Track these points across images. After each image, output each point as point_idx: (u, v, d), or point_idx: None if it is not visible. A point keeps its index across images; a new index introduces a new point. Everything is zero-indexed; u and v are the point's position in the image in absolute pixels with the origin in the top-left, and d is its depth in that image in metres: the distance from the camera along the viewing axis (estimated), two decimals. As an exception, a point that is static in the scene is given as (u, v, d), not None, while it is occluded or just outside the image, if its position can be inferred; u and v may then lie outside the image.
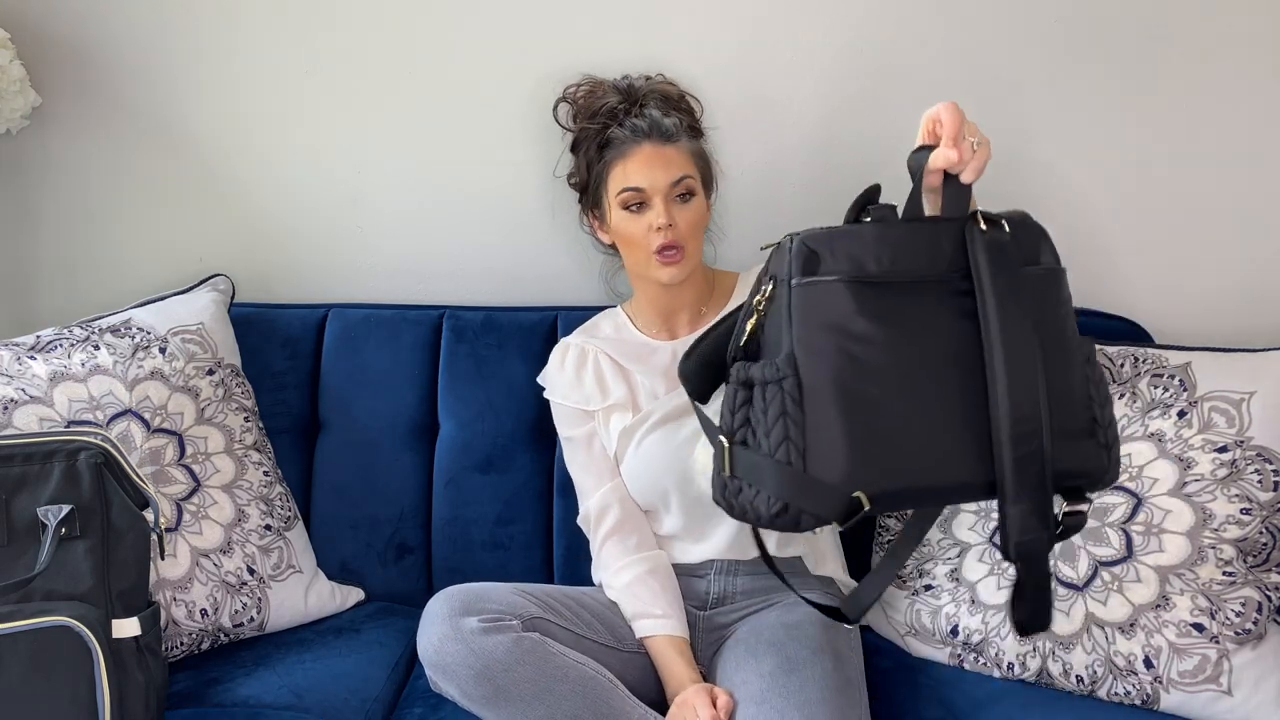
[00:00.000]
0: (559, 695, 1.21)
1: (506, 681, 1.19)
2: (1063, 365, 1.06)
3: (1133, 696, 1.32)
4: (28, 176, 1.75)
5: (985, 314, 1.04)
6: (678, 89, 1.57)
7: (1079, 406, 1.06)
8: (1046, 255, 1.09)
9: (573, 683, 1.22)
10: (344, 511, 1.63)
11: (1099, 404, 1.07)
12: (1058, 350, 1.06)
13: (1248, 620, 1.30)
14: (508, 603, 1.27)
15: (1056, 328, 1.07)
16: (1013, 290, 1.05)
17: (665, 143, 1.43)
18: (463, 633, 1.21)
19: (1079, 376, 1.07)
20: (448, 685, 1.22)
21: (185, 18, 1.68)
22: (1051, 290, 1.08)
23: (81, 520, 1.24)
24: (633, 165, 1.42)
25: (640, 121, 1.44)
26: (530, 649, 1.21)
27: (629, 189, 1.41)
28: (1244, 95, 1.60)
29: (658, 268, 1.42)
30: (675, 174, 1.41)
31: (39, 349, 1.45)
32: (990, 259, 1.06)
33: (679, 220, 1.41)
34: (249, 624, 1.47)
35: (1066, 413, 1.05)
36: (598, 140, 1.48)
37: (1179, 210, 1.65)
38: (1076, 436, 1.05)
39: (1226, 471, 1.33)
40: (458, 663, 1.20)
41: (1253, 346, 1.42)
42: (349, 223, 1.75)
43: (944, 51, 1.63)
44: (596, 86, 1.56)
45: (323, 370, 1.67)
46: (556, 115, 1.60)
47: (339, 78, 1.69)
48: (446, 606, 1.24)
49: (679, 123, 1.47)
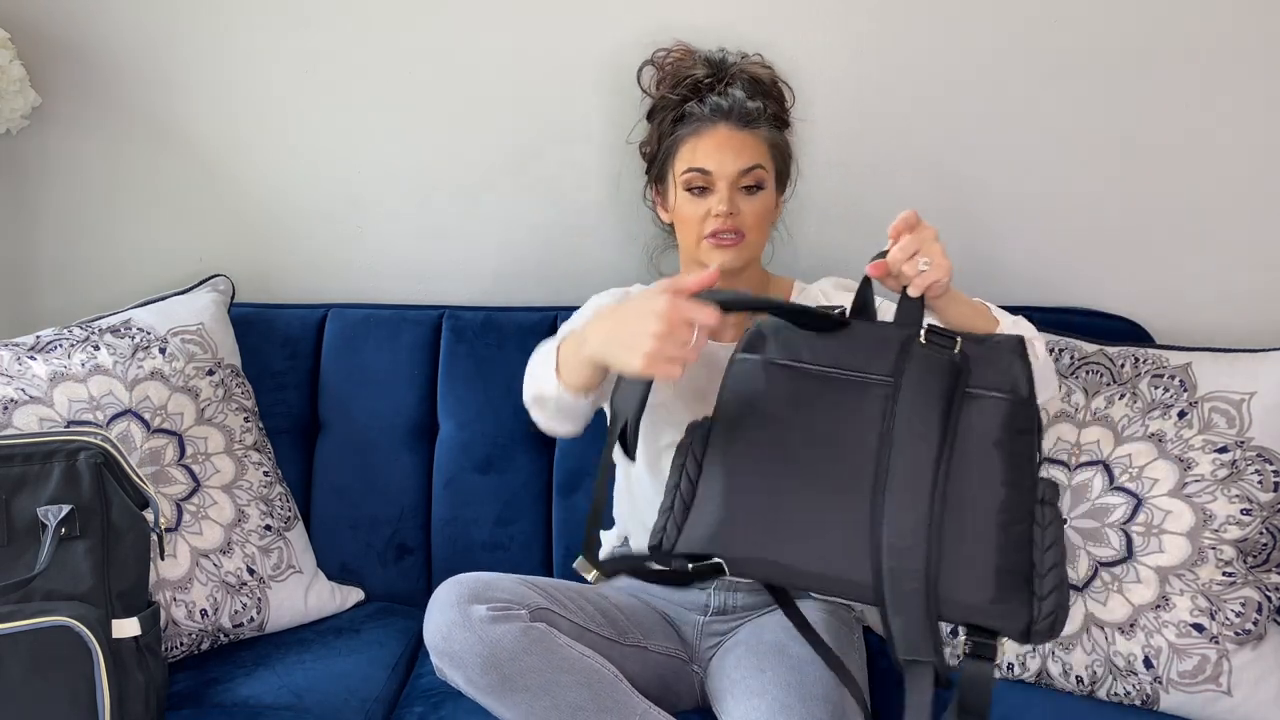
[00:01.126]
0: (564, 686, 1.19)
1: (513, 670, 1.18)
2: (982, 500, 1.02)
3: (1132, 697, 1.32)
4: (28, 176, 1.75)
5: (893, 429, 1.05)
6: (771, 73, 1.50)
7: (996, 547, 1.01)
8: (1007, 384, 1.05)
9: (578, 674, 1.21)
10: (344, 511, 1.63)
11: (1041, 549, 1.02)
12: (978, 484, 1.03)
13: (1248, 621, 1.30)
14: (515, 593, 1.25)
15: (983, 459, 1.03)
16: (924, 410, 1.04)
17: (743, 127, 1.37)
18: (471, 620, 1.19)
19: (1011, 515, 1.02)
20: (454, 672, 1.21)
21: (185, 18, 1.68)
22: (991, 420, 1.04)
23: (81, 520, 1.24)
24: (704, 145, 1.36)
25: (722, 100, 1.38)
26: (537, 639, 1.20)
27: (695, 169, 1.35)
28: (1245, 95, 1.60)
29: (709, 250, 1.35)
30: (746, 162, 1.34)
31: (39, 349, 1.45)
32: (915, 375, 1.06)
33: (743, 209, 1.34)
34: (249, 624, 1.47)
35: (973, 550, 1.01)
36: (674, 112, 1.43)
37: (1180, 211, 1.65)
38: (983, 577, 1.01)
39: (1227, 472, 1.32)
40: (465, 650, 1.18)
41: (1253, 347, 1.42)
42: (349, 223, 1.75)
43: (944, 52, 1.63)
44: (687, 55, 1.51)
45: (322, 370, 1.67)
46: (640, 78, 1.55)
47: (339, 77, 1.69)
48: (455, 594, 1.23)
49: (763, 109, 1.40)
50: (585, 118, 1.68)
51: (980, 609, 1.02)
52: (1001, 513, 1.03)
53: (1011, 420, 1.04)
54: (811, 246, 1.68)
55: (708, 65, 1.48)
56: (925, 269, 1.08)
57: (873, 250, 1.12)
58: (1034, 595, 1.02)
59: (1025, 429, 1.05)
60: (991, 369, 1.06)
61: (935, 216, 1.66)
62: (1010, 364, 1.06)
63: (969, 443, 1.04)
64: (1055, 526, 1.03)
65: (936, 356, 1.06)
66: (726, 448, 1.10)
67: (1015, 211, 1.68)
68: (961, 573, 1.02)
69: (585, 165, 1.70)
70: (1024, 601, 1.01)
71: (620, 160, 1.68)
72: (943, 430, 1.03)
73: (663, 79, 1.51)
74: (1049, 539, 1.03)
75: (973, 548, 1.02)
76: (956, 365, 1.05)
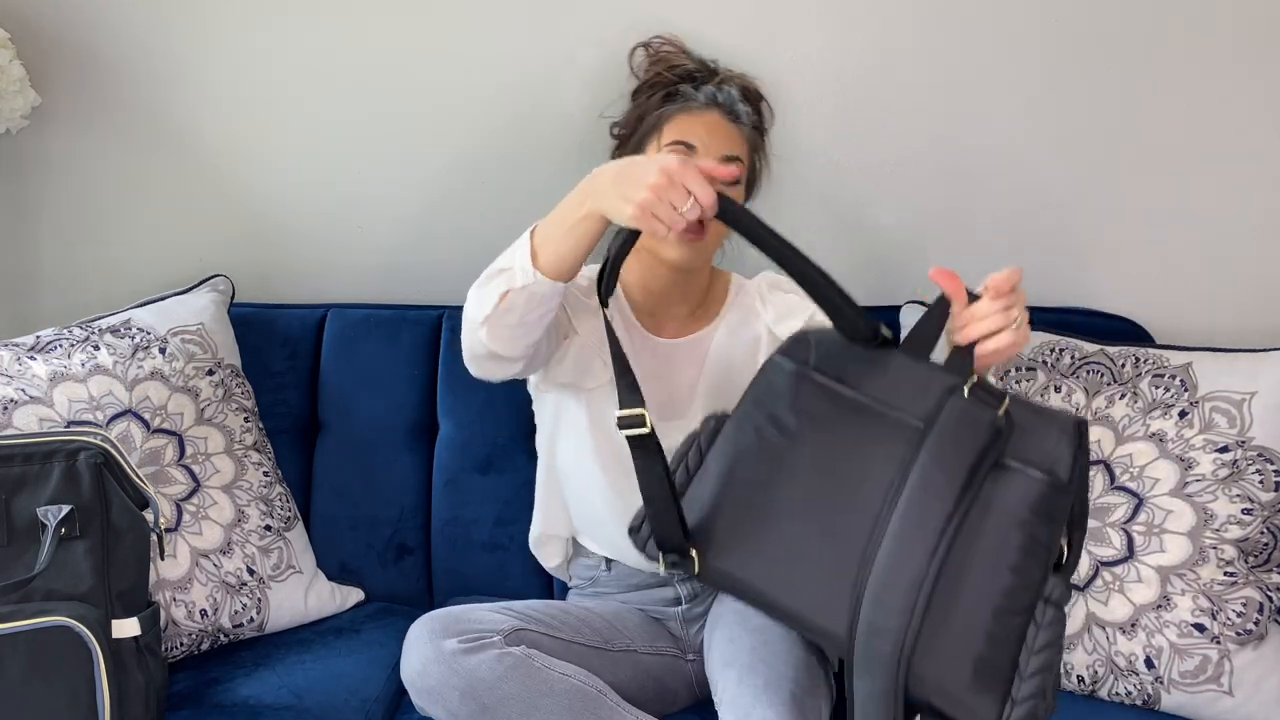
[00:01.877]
0: (546, 710, 1.17)
1: (493, 699, 1.16)
2: (984, 579, 0.96)
3: (1134, 697, 1.32)
4: (28, 176, 1.75)
5: (908, 477, 0.97)
6: (758, 90, 1.51)
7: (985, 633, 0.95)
8: (1047, 463, 0.98)
9: (559, 695, 1.18)
10: (344, 512, 1.63)
11: (1030, 649, 0.95)
12: (985, 561, 0.96)
13: (1249, 620, 1.29)
14: (487, 620, 1.23)
15: (998, 537, 0.96)
16: (946, 467, 0.96)
17: (733, 121, 1.38)
18: (444, 653, 1.17)
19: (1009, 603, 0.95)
20: (434, 708, 1.19)
21: (185, 17, 1.68)
22: (1018, 498, 0.97)
23: (81, 520, 1.24)
24: (697, 123, 1.36)
25: (717, 92, 1.40)
26: (514, 665, 1.18)
27: (683, 142, 1.34)
28: (1245, 95, 1.60)
29: (671, 242, 1.29)
30: (729, 150, 1.35)
31: (39, 349, 1.45)
32: (948, 427, 0.98)
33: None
34: (249, 624, 1.47)
35: (959, 629, 0.95)
36: (665, 90, 1.43)
37: (1180, 211, 1.65)
38: (961, 661, 0.95)
39: (1228, 472, 1.32)
40: (442, 684, 1.17)
41: (1254, 347, 1.42)
42: (349, 223, 1.75)
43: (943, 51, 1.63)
44: (681, 51, 1.52)
45: (322, 370, 1.67)
46: (632, 61, 1.55)
47: (339, 77, 1.69)
48: (427, 629, 1.21)
49: (750, 114, 1.42)
50: (585, 118, 1.68)
51: (947, 694, 0.96)
52: (1000, 598, 0.96)
53: (1040, 504, 0.97)
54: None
55: (702, 65, 1.49)
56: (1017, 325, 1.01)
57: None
58: (1009, 696, 0.95)
59: (1053, 517, 0.97)
60: (1035, 442, 0.99)
61: (934, 217, 1.68)
62: (1057, 442, 0.98)
63: (988, 515, 0.97)
64: (1053, 630, 0.96)
65: (977, 413, 0.98)
66: (734, 451, 1.05)
67: (1015, 212, 1.68)
68: (941, 650, 0.95)
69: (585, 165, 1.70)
70: (995, 699, 0.95)
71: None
72: (961, 492, 0.96)
73: (655, 62, 1.51)
74: (1042, 641, 0.96)
75: (960, 627, 0.96)
76: (997, 428, 0.98)
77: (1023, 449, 0.98)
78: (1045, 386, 1.43)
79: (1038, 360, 1.45)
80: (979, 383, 1.01)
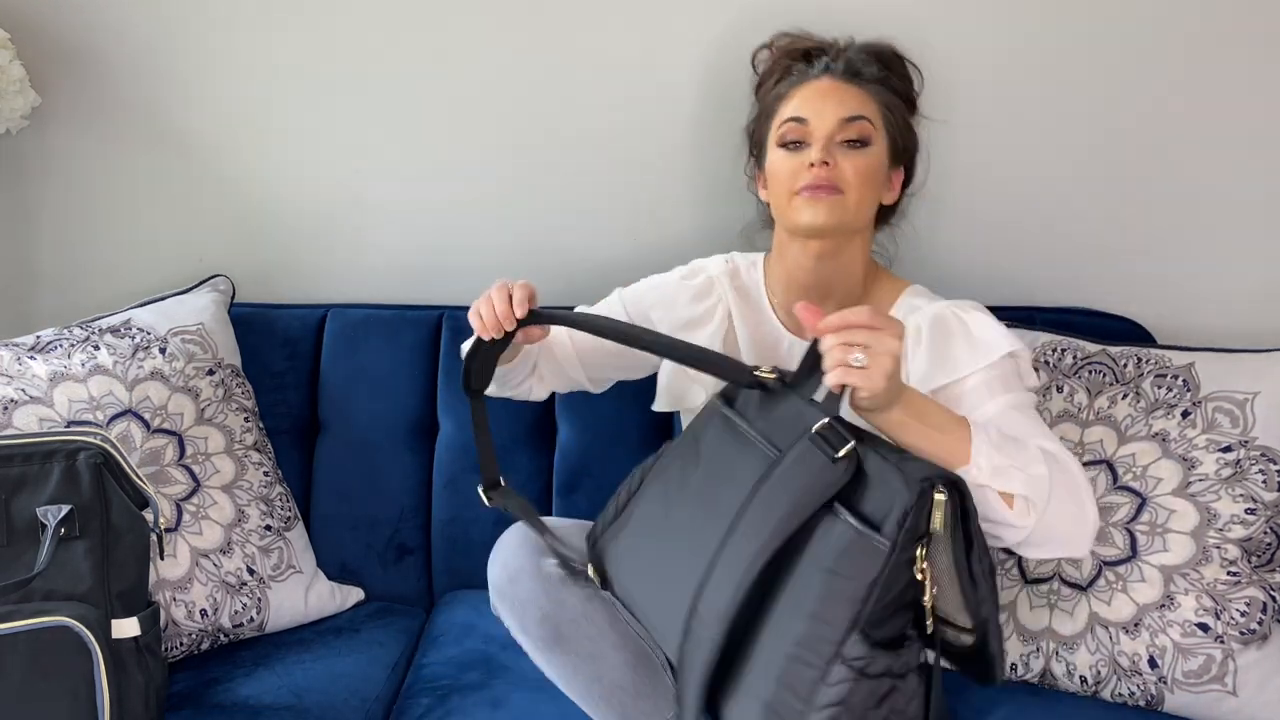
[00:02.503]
0: (611, 663, 1.16)
1: (570, 632, 1.16)
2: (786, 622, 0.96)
3: (1137, 697, 1.31)
4: (28, 176, 1.75)
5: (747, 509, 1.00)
6: (895, 49, 1.33)
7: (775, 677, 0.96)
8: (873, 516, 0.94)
9: (629, 652, 1.17)
10: (344, 511, 1.63)
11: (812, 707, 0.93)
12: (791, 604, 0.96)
13: (1253, 620, 1.29)
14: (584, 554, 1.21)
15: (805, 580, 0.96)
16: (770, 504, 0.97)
17: (849, 80, 1.23)
18: (544, 571, 1.17)
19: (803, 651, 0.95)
20: (509, 616, 1.19)
21: (185, 18, 1.68)
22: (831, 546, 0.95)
23: (81, 520, 1.24)
24: (802, 95, 1.23)
25: (831, 60, 1.26)
26: (601, 608, 1.17)
27: (791, 119, 1.21)
28: (1246, 94, 1.60)
29: (800, 207, 1.19)
30: (848, 111, 1.19)
31: (39, 349, 1.44)
32: (786, 464, 0.99)
33: (842, 164, 1.19)
34: (249, 624, 1.47)
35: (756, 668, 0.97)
36: (779, 74, 1.30)
37: (1181, 211, 1.65)
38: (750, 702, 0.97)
39: (1231, 471, 1.32)
40: (530, 599, 1.16)
41: (1256, 347, 1.42)
42: (349, 223, 1.75)
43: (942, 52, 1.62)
44: (805, 37, 1.37)
45: (322, 370, 1.67)
46: (755, 62, 1.42)
47: (340, 77, 1.69)
48: (529, 540, 1.20)
49: (877, 72, 1.26)
50: (585, 118, 1.68)
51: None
52: (793, 645, 0.95)
53: (847, 555, 0.94)
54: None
55: (822, 43, 1.34)
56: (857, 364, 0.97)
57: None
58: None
59: (864, 573, 0.93)
60: (872, 494, 0.95)
61: (934, 217, 1.67)
62: (894, 501, 0.93)
63: (800, 557, 0.97)
64: (840, 690, 0.92)
65: (811, 456, 0.97)
66: (659, 476, 1.14)
67: (1016, 212, 1.68)
68: (741, 686, 0.98)
69: (585, 165, 1.70)
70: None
71: (621, 160, 1.68)
72: (775, 528, 0.96)
73: (776, 56, 1.36)
74: (823, 700, 0.93)
75: (759, 667, 0.97)
76: (830, 478, 0.96)
77: (860, 498, 0.96)
78: (1047, 386, 1.43)
79: (1040, 361, 1.45)
80: (832, 424, 0.98)
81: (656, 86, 1.64)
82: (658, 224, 1.70)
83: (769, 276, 1.35)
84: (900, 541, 0.92)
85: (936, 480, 0.94)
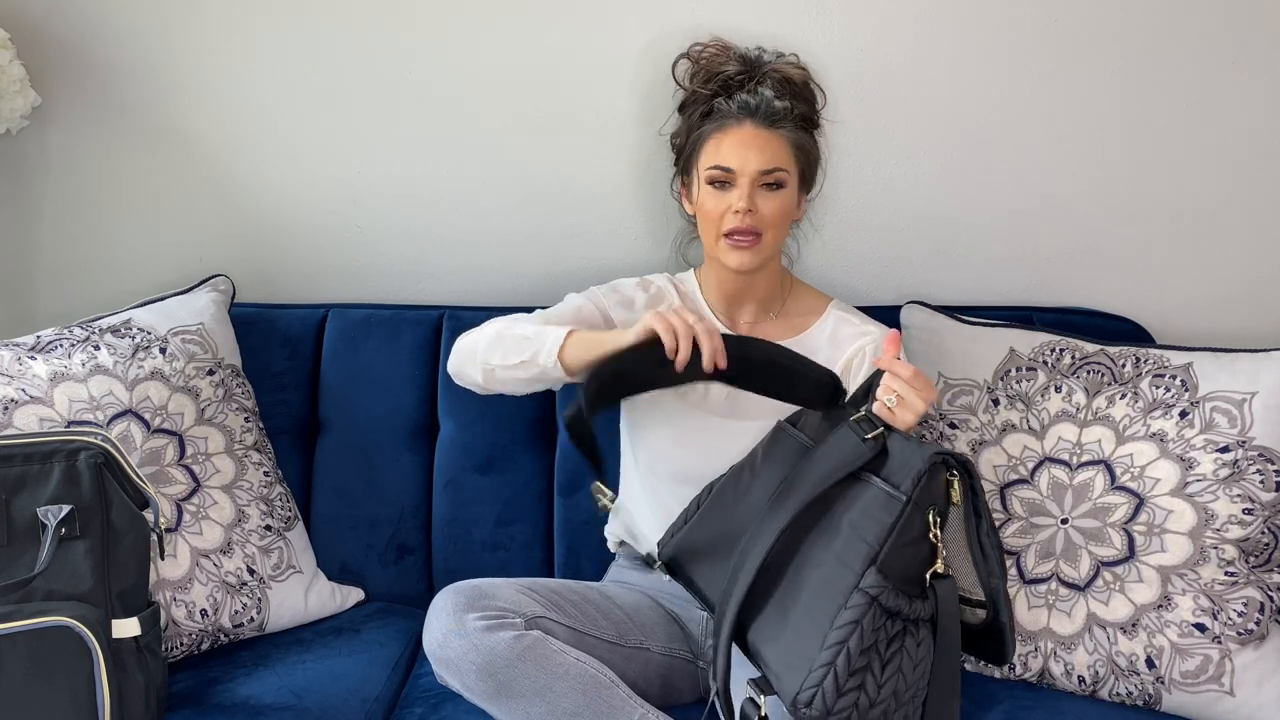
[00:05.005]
0: (559, 693, 1.21)
1: (508, 678, 1.20)
2: (815, 569, 1.13)
3: (1135, 697, 1.32)
4: (28, 176, 1.75)
5: (784, 483, 1.20)
6: (804, 74, 1.51)
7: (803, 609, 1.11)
8: (893, 479, 1.12)
9: (573, 680, 1.22)
10: (344, 511, 1.63)
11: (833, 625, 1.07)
12: (821, 554, 1.13)
13: (1250, 620, 1.29)
14: (511, 600, 1.27)
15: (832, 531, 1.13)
16: (807, 476, 1.17)
17: (768, 126, 1.39)
18: (466, 629, 1.22)
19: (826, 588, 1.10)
20: (451, 679, 1.24)
21: (186, 18, 1.68)
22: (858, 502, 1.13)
23: (81, 520, 1.24)
24: (727, 143, 1.39)
25: (750, 98, 1.41)
26: (530, 646, 1.22)
27: (718, 166, 1.38)
28: (1244, 94, 1.60)
29: (725, 250, 1.39)
30: (768, 162, 1.37)
31: (39, 349, 1.45)
32: (824, 447, 1.20)
33: (761, 207, 1.38)
34: (249, 624, 1.47)
35: (785, 606, 1.13)
36: (703, 107, 1.45)
37: (1180, 211, 1.65)
38: (777, 631, 1.13)
39: (1228, 471, 1.32)
40: (460, 658, 1.21)
41: (1254, 347, 1.42)
42: (349, 223, 1.75)
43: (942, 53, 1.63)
44: (723, 50, 1.51)
45: (323, 370, 1.67)
46: (675, 71, 1.55)
47: (339, 77, 1.69)
48: (451, 602, 1.25)
49: (790, 108, 1.42)
50: (585, 118, 1.68)
51: (766, 658, 1.14)
52: (821, 583, 1.11)
53: (870, 506, 1.12)
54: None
55: (741, 63, 1.48)
56: (890, 404, 1.19)
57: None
58: (808, 665, 1.07)
59: (881, 520, 1.10)
60: (894, 464, 1.14)
61: (934, 217, 1.68)
62: (911, 465, 1.11)
63: (834, 516, 1.14)
64: (856, 611, 1.07)
65: (846, 437, 1.19)
66: (728, 485, 1.29)
67: (1015, 212, 1.68)
68: (770, 622, 1.14)
69: (585, 165, 1.70)
70: (801, 668, 1.08)
71: (618, 161, 1.68)
72: (810, 489, 1.14)
73: (696, 73, 1.51)
74: (843, 619, 1.07)
75: (791, 606, 1.13)
76: (863, 451, 1.16)
77: (885, 469, 1.14)
78: (1045, 386, 1.43)
79: (1038, 360, 1.45)
80: (866, 415, 1.20)
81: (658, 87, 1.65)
82: (657, 225, 1.71)
83: (704, 286, 1.52)
84: (915, 497, 1.09)
85: (948, 457, 1.11)
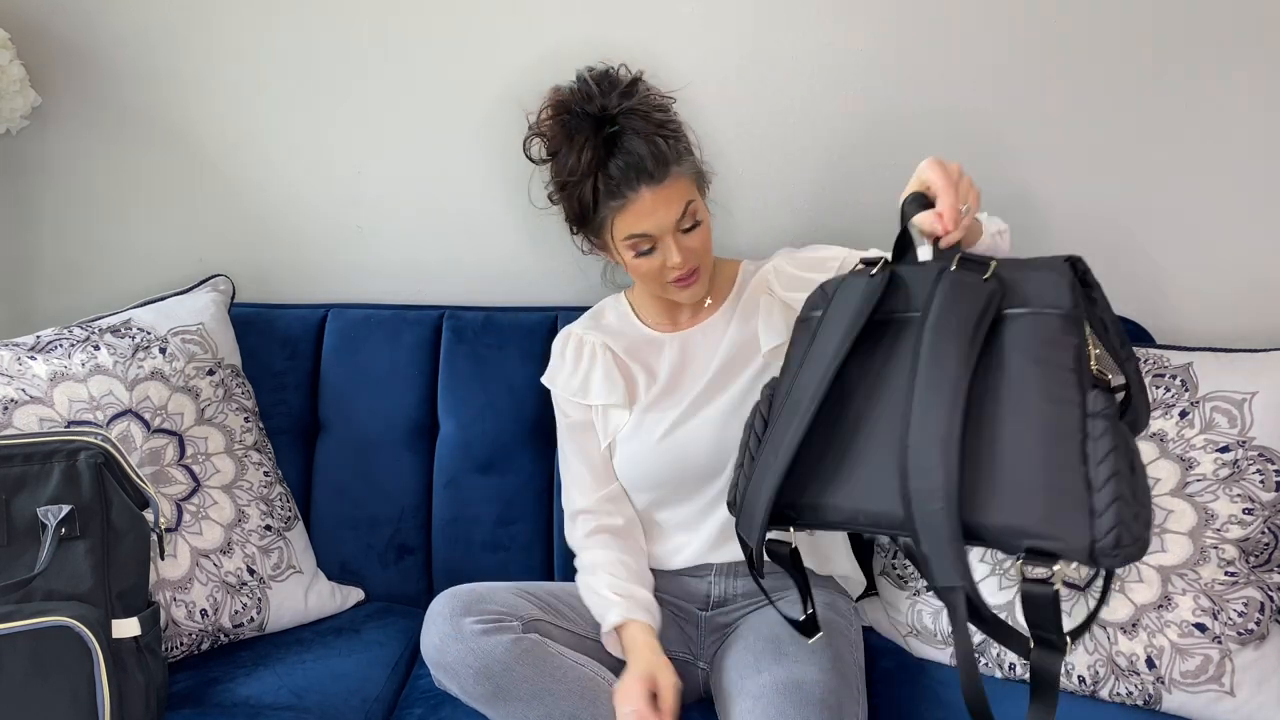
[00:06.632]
0: (556, 695, 1.23)
1: (505, 681, 1.22)
2: (1022, 419, 1.01)
3: (1135, 697, 1.32)
4: (28, 176, 1.75)
5: (916, 354, 1.06)
6: (649, 103, 1.39)
7: (1042, 465, 0.99)
8: (1046, 300, 1.04)
9: (570, 683, 1.24)
10: (344, 511, 1.63)
11: (1094, 462, 0.98)
12: (1017, 403, 1.01)
13: (1250, 620, 1.29)
14: (508, 604, 1.29)
15: (1021, 377, 1.02)
16: (947, 333, 1.04)
17: (662, 179, 1.34)
18: (463, 633, 1.23)
19: (1056, 431, 0.99)
20: (449, 683, 1.25)
21: (186, 18, 1.68)
22: (1028, 337, 1.03)
23: (81, 520, 1.24)
24: (634, 214, 1.35)
25: (628, 160, 1.33)
26: (528, 649, 1.23)
27: (637, 235, 1.36)
28: (1245, 95, 1.60)
29: (676, 292, 1.41)
30: (678, 210, 1.35)
31: (39, 349, 1.45)
32: (943, 300, 1.06)
33: (690, 245, 1.38)
34: (249, 624, 1.47)
35: (1014, 470, 1.00)
36: (590, 183, 1.36)
37: (1180, 210, 1.65)
38: (1029, 497, 0.99)
39: (1228, 471, 1.32)
40: (458, 662, 1.22)
41: (1254, 347, 1.42)
42: (349, 223, 1.75)
43: (945, 52, 1.63)
44: (559, 111, 1.40)
45: (322, 370, 1.67)
46: (528, 151, 1.48)
47: (339, 77, 1.69)
48: (449, 606, 1.26)
49: (665, 147, 1.35)
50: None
51: (1029, 531, 0.99)
52: (1044, 429, 1.00)
53: (1049, 334, 1.03)
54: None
55: (589, 120, 1.36)
56: (967, 214, 1.12)
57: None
58: (1092, 513, 0.97)
59: (1068, 343, 1.02)
60: (1030, 289, 1.05)
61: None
62: (1052, 283, 1.05)
63: (1002, 364, 1.03)
64: (1109, 438, 0.98)
65: (967, 279, 1.07)
66: (788, 402, 1.15)
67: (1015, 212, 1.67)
68: (1003, 494, 1.00)
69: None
70: (1080, 521, 0.97)
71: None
72: (967, 351, 1.02)
73: (555, 151, 1.40)
74: (1101, 450, 0.98)
75: (1014, 467, 1.00)
76: (990, 289, 1.06)
77: (1019, 298, 1.05)
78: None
79: (1039, 360, 1.45)
80: (963, 257, 1.10)
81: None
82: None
83: (635, 305, 1.54)
84: (1086, 305, 1.05)
85: (1071, 256, 1.07)
